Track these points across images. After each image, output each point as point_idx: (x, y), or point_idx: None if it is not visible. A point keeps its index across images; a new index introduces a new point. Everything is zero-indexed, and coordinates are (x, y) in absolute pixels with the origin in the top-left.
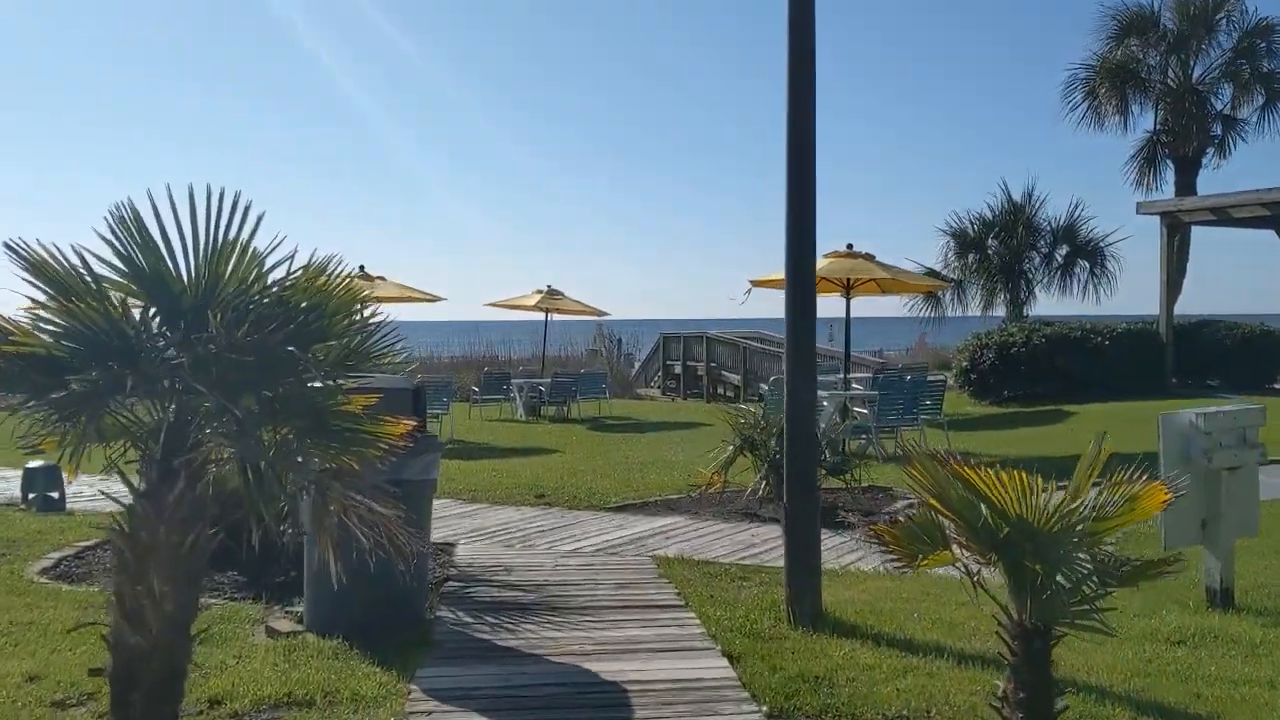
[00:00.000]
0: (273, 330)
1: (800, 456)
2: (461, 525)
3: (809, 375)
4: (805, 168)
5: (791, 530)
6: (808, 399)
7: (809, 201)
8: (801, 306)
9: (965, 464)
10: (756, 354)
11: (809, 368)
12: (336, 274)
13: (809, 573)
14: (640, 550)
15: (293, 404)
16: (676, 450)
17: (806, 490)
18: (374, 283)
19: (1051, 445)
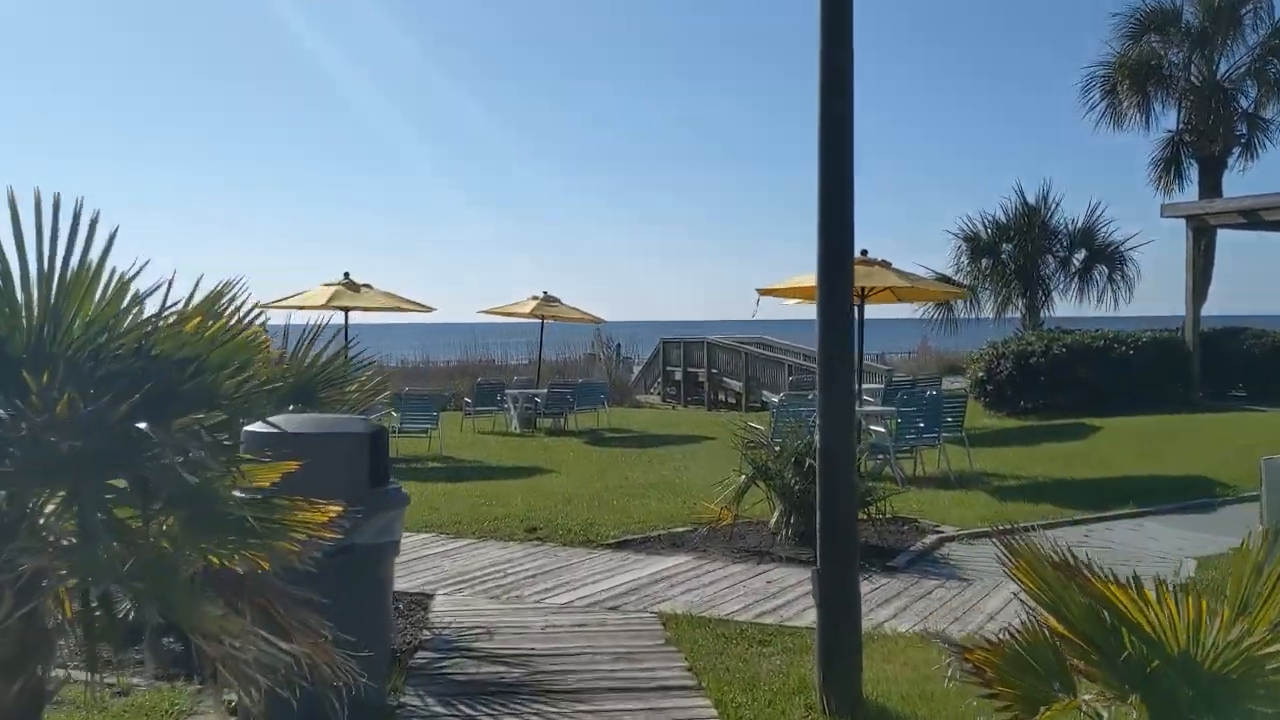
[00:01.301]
0: (114, 399)
1: (838, 516)
2: (443, 568)
3: (845, 421)
4: (839, 162)
5: (826, 603)
6: (845, 447)
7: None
8: (836, 336)
9: (1091, 572)
10: (759, 360)
11: (846, 412)
12: (227, 307)
13: (847, 653)
14: (643, 602)
15: (163, 489)
16: (679, 470)
17: (845, 558)
18: (359, 291)
19: (1083, 465)
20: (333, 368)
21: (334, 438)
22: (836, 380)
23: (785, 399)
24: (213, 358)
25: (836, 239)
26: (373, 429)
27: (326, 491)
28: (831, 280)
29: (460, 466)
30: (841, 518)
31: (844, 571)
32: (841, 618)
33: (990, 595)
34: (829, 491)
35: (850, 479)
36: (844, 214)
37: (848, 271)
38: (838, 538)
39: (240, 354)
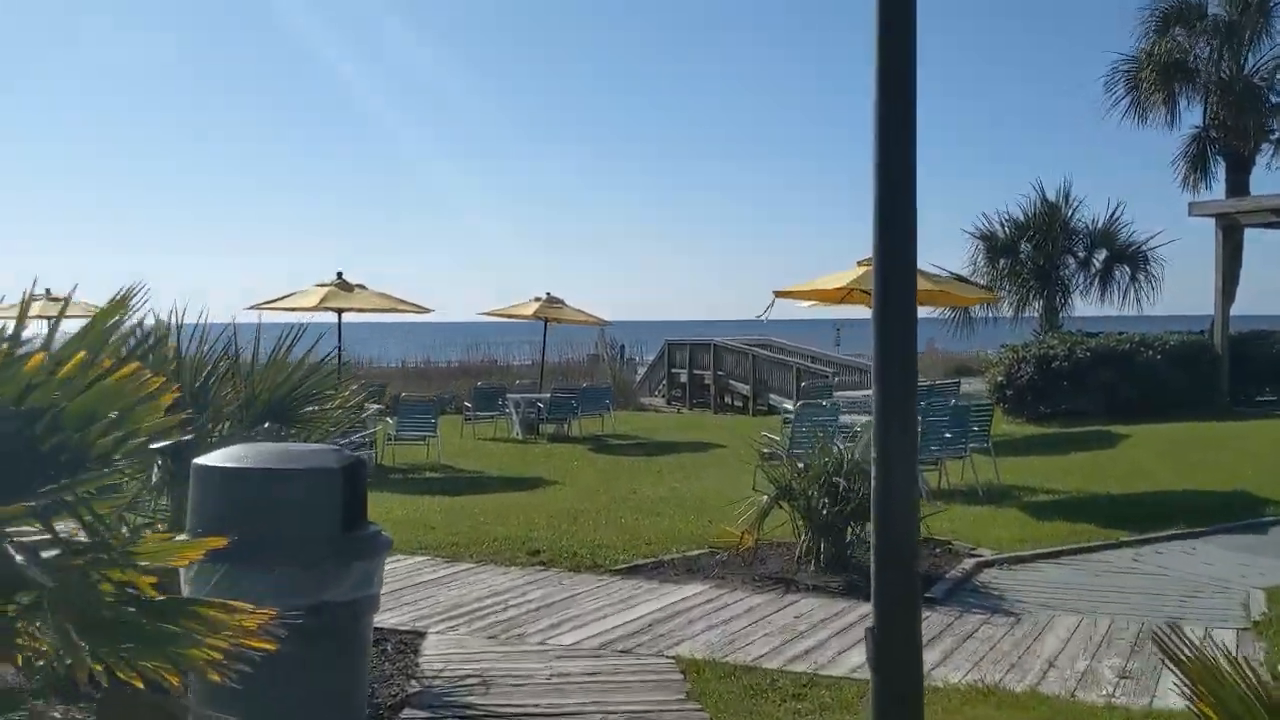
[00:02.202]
0: None
1: (898, 571)
2: (437, 599)
3: (908, 443)
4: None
5: (882, 666)
6: (906, 476)
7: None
8: (900, 340)
9: None
10: (766, 363)
11: (909, 428)
12: (111, 328)
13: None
14: (658, 643)
15: None
16: (690, 481)
17: (906, 615)
18: (352, 292)
19: (1116, 477)
20: (310, 382)
21: (299, 474)
22: (897, 420)
23: (801, 408)
24: (71, 410)
25: (897, 246)
26: (346, 461)
27: (290, 538)
28: (889, 289)
29: (459, 477)
30: (903, 574)
31: (904, 631)
32: (902, 689)
33: (1044, 635)
34: (888, 545)
35: (911, 518)
36: (906, 218)
37: (909, 281)
38: (898, 597)
39: (110, 403)
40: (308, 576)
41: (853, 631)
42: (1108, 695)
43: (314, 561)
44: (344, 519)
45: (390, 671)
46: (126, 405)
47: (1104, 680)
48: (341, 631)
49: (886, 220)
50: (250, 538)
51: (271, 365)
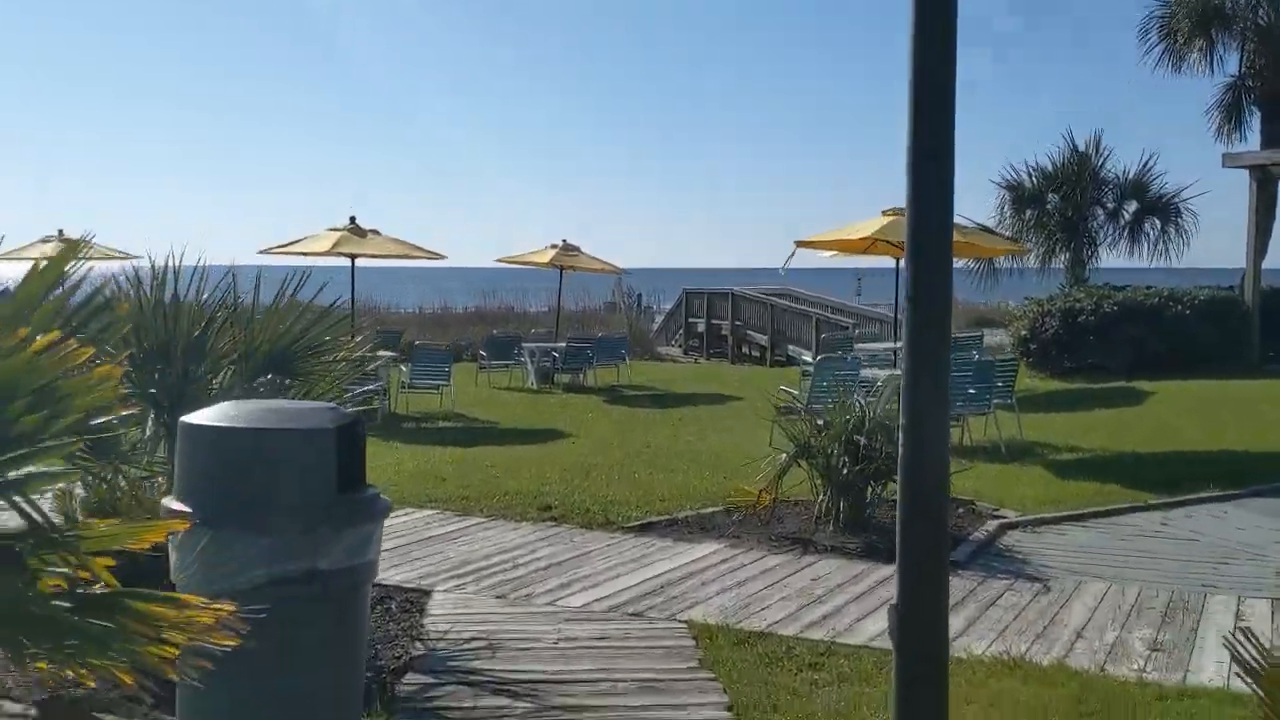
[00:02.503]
0: None
1: (927, 529)
2: (446, 555)
3: (940, 402)
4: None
5: (905, 645)
6: (938, 442)
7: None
8: (934, 289)
9: None
10: (785, 313)
11: (940, 385)
12: None
13: (931, 711)
14: (670, 606)
15: None
16: (706, 434)
17: (932, 594)
18: (365, 237)
19: (1143, 436)
20: (313, 333)
21: (290, 434)
22: (928, 376)
23: (821, 362)
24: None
25: (932, 189)
26: (343, 420)
27: (281, 502)
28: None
29: (472, 428)
30: (930, 551)
31: (931, 615)
32: (926, 666)
33: (1071, 602)
34: (915, 518)
35: (942, 481)
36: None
37: (944, 229)
38: (925, 573)
39: (31, 377)
40: (300, 542)
41: (871, 596)
42: (1139, 669)
43: (307, 526)
44: (339, 481)
45: (395, 632)
46: (47, 379)
47: (1134, 653)
48: (337, 600)
49: (922, 157)
50: (239, 501)
51: (273, 313)
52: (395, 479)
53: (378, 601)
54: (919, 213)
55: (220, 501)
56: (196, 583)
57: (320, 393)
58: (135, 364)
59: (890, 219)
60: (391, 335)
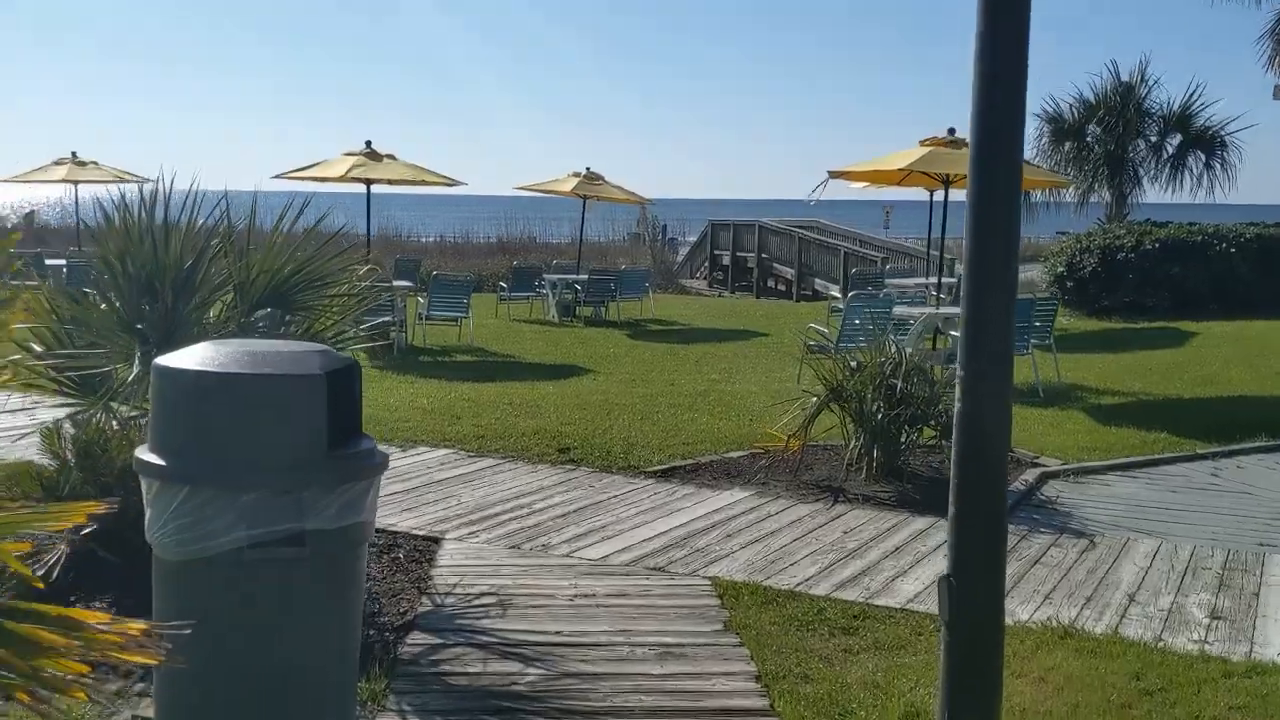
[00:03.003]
0: None
1: (985, 498)
2: (459, 499)
3: (1000, 359)
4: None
5: (958, 624)
6: (999, 389)
7: None
8: (1001, 222)
9: None
10: (813, 246)
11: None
12: None
13: (984, 692)
14: (694, 560)
15: None
16: (731, 373)
17: (989, 566)
18: (381, 162)
19: (1187, 379)
20: (314, 265)
21: (273, 381)
22: (989, 339)
23: (853, 299)
24: None
25: (1003, 111)
26: (335, 365)
27: (264, 457)
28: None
29: (490, 362)
30: (988, 518)
31: (987, 590)
32: (980, 649)
33: (1120, 562)
34: (972, 482)
35: (1001, 468)
36: (1016, 70)
37: (1014, 155)
38: (981, 542)
39: None
40: (285, 501)
41: (907, 552)
42: (1200, 640)
43: (293, 484)
44: (331, 433)
45: (402, 585)
46: None
47: (1193, 621)
48: (327, 564)
49: (989, 82)
50: (217, 455)
51: (271, 242)
52: (409, 416)
53: (385, 550)
54: (985, 143)
55: (196, 455)
56: (172, 544)
57: (322, 329)
58: (122, 296)
59: (928, 149)
60: (410, 264)
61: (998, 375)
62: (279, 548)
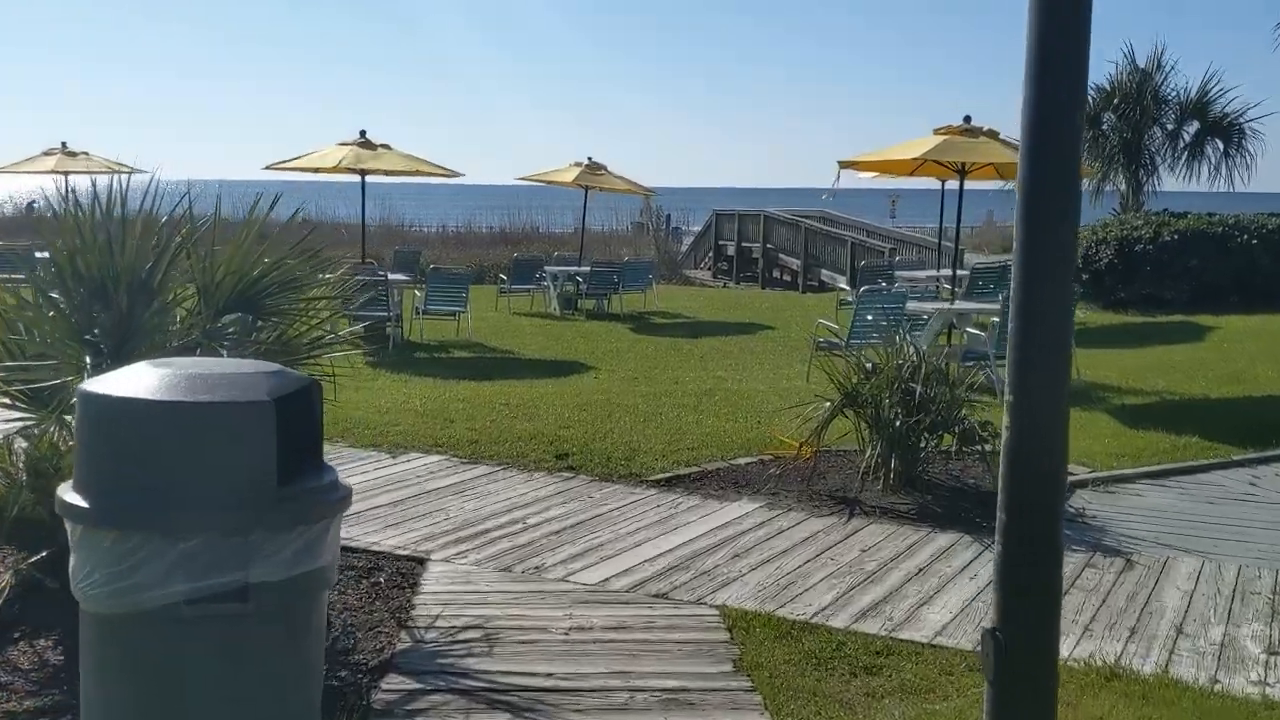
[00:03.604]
0: None
1: (1038, 537)
2: (447, 513)
3: (1056, 372)
4: None
5: (1005, 681)
6: (1054, 410)
7: None
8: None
9: None
10: (819, 237)
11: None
12: None
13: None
14: (700, 585)
15: None
16: (737, 370)
17: (1042, 620)
18: (375, 152)
19: (1213, 377)
20: (286, 266)
21: (214, 409)
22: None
23: (865, 294)
24: None
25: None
26: (287, 388)
27: (201, 498)
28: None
29: (488, 359)
30: (1041, 566)
31: (1040, 646)
32: (1028, 711)
33: (1162, 583)
34: (1022, 521)
35: (1058, 506)
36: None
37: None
38: (1032, 592)
39: None
40: (228, 548)
41: (930, 574)
42: (1260, 680)
43: (236, 528)
44: (281, 468)
45: (380, 616)
46: None
47: (1249, 657)
48: (279, 618)
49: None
50: (148, 495)
51: (238, 239)
52: (401, 419)
53: (365, 574)
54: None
55: (125, 495)
56: (99, 596)
57: (297, 335)
58: (71, 301)
59: (942, 138)
60: (410, 255)
61: (1054, 389)
62: (220, 603)
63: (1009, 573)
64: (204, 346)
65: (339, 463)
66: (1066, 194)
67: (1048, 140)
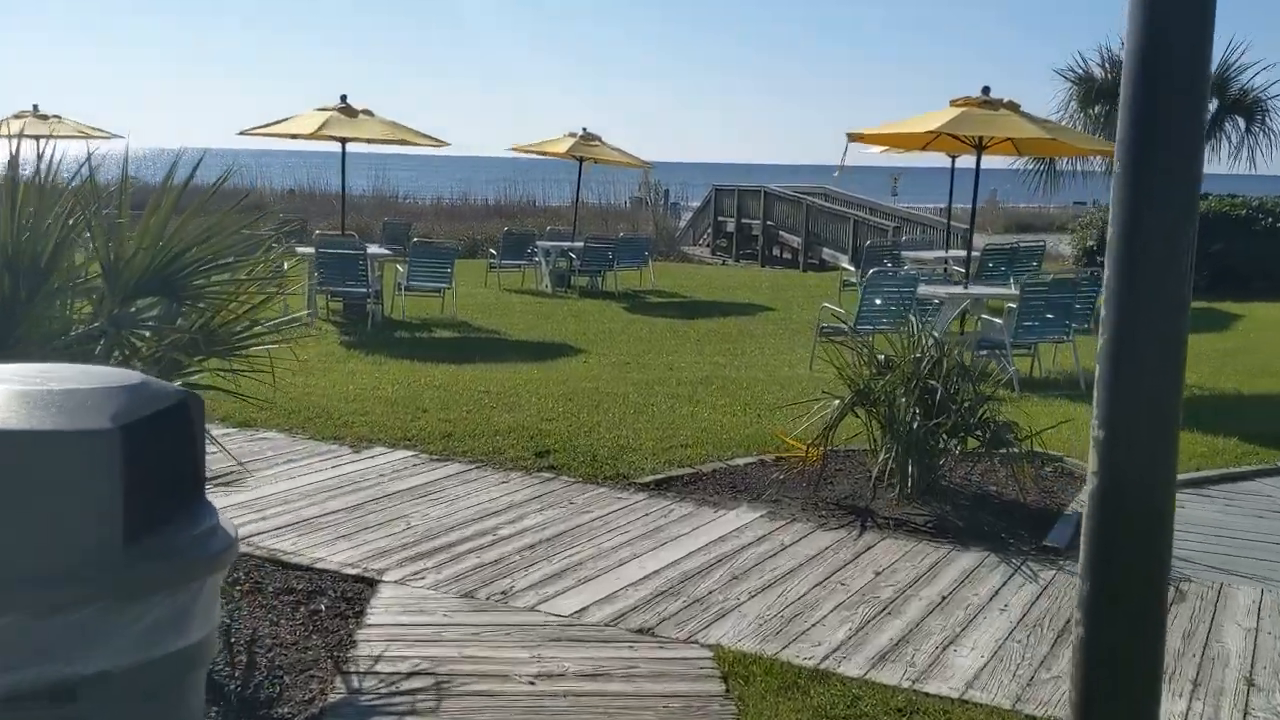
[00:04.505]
0: None
1: (1136, 601)
2: (411, 520)
3: (1169, 388)
4: None
5: None
6: (1163, 442)
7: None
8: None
9: None
10: (820, 214)
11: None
12: None
13: None
14: (690, 615)
15: None
16: (736, 355)
17: None
18: (356, 118)
19: (1244, 370)
20: (217, 240)
21: (27, 443)
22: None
23: (873, 277)
24: None
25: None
26: (141, 409)
27: (15, 563)
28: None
29: (472, 339)
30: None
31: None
32: None
33: (1220, 618)
34: (1120, 596)
35: (1164, 575)
36: None
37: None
38: (1134, 666)
39: None
40: (45, 633)
41: (954, 604)
42: None
43: (55, 605)
44: (129, 519)
45: (316, 654)
46: None
47: None
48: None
49: None
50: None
51: (152, 208)
52: (369, 408)
53: (304, 600)
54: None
55: None
56: None
57: (226, 321)
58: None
59: (959, 110)
60: (399, 227)
61: (1165, 411)
62: (37, 706)
63: (1098, 642)
64: (109, 336)
65: (294, 458)
66: (1186, 162)
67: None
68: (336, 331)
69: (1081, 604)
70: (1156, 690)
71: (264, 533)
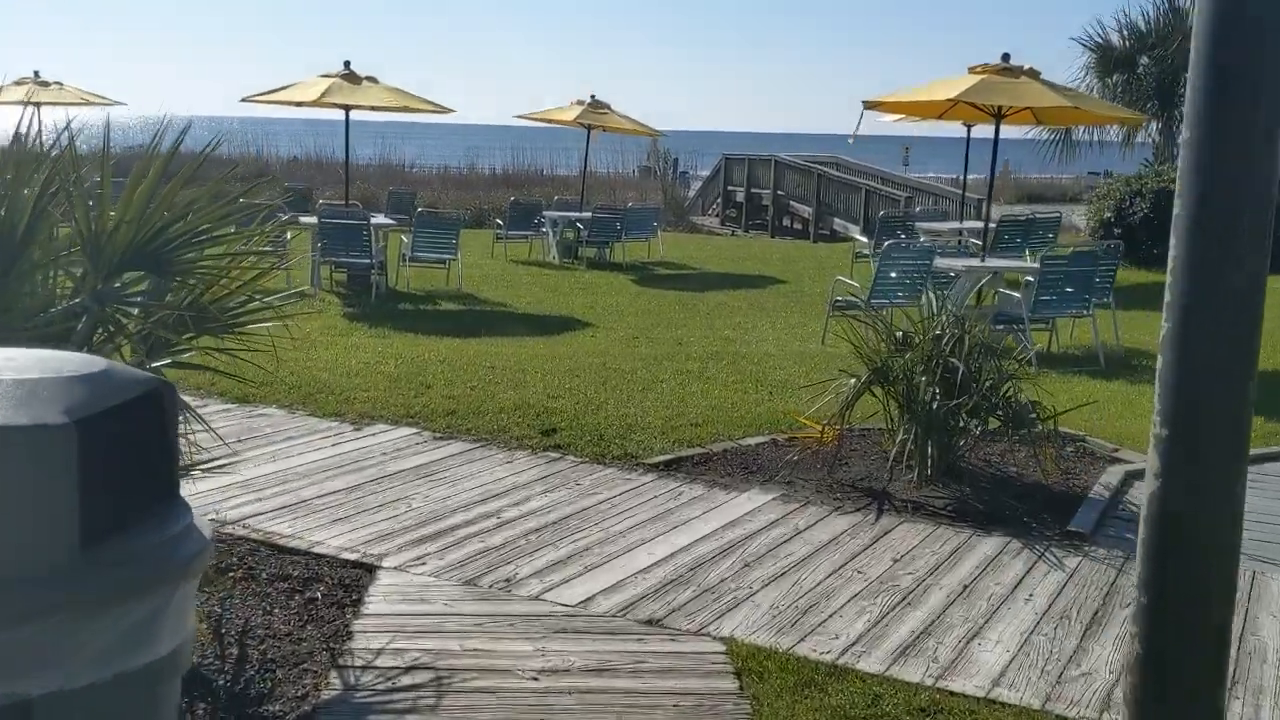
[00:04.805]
0: None
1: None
2: (412, 501)
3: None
4: None
5: None
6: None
7: None
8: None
9: None
10: (832, 184)
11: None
12: None
13: None
14: (701, 604)
15: None
16: (747, 328)
17: None
18: (360, 85)
19: (1270, 344)
20: (204, 209)
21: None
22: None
23: (889, 249)
24: None
25: None
26: (102, 401)
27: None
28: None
29: (477, 312)
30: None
31: None
32: None
33: (1254, 610)
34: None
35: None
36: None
37: None
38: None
39: None
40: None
41: (977, 591)
42: None
43: (9, 617)
44: (85, 525)
45: (312, 645)
46: None
47: None
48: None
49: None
50: None
51: (135, 178)
52: (371, 383)
53: (300, 587)
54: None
55: None
56: None
57: (219, 297)
58: None
59: (979, 78)
60: (404, 197)
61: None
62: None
63: (1158, 661)
64: (92, 313)
65: (293, 436)
66: None
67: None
68: (339, 303)
69: (1138, 616)
70: (1220, 709)
71: (260, 514)
